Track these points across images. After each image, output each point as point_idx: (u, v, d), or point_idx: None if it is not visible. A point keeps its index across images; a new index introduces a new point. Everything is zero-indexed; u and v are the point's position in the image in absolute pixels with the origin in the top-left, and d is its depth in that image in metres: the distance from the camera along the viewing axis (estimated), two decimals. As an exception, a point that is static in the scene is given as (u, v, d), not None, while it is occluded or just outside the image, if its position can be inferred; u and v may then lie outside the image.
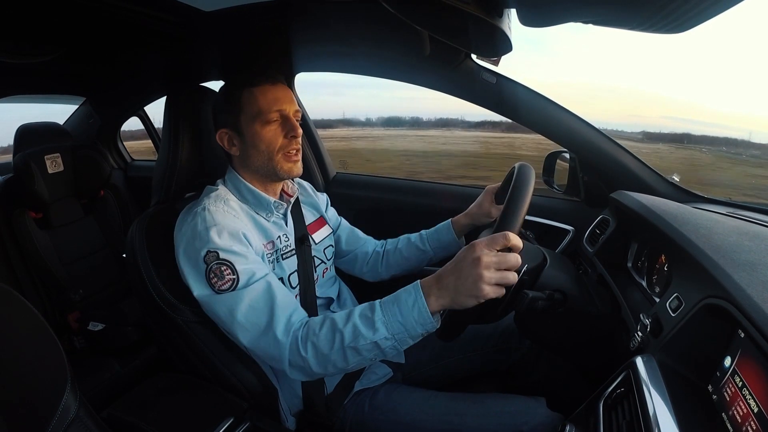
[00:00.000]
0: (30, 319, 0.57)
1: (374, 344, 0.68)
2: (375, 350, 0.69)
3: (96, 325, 1.61)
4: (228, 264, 0.76)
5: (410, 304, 0.67)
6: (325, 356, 0.71)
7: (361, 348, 0.69)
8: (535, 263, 0.85)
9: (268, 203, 0.91)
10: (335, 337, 0.70)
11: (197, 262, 0.77)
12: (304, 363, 0.72)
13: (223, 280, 0.75)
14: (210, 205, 0.83)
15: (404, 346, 0.70)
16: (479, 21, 0.65)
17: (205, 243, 0.77)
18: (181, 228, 0.82)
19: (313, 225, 1.04)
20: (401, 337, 0.68)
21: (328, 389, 0.92)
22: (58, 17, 0.95)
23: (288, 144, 0.89)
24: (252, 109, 0.86)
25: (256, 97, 0.86)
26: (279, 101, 0.87)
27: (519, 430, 0.81)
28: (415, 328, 0.67)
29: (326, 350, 0.70)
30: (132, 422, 0.75)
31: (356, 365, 0.72)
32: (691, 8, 0.47)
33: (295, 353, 0.72)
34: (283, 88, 0.89)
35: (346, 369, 0.73)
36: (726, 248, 0.65)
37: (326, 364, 0.71)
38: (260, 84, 0.87)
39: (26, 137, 1.72)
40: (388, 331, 0.68)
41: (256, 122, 0.87)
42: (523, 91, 1.18)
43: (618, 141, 1.16)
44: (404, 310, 0.68)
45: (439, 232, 1.14)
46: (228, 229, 0.80)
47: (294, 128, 0.88)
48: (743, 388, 0.50)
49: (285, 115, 0.88)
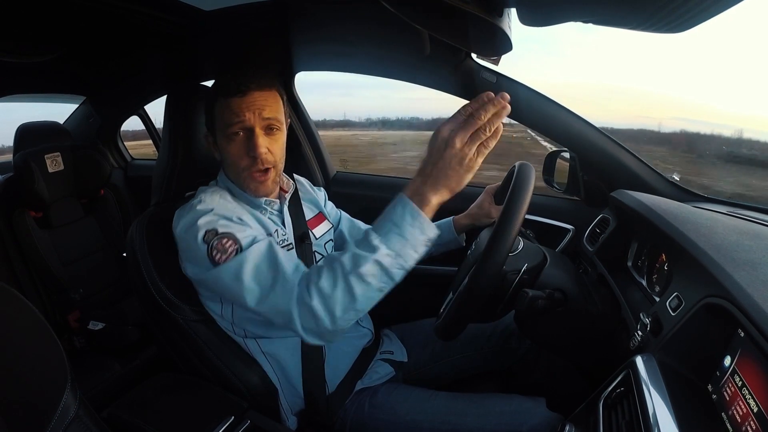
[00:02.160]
0: (30, 319, 0.57)
1: (377, 264, 0.64)
2: (380, 274, 0.65)
3: (96, 324, 1.61)
4: (228, 235, 0.76)
5: (399, 213, 0.65)
6: (330, 297, 0.66)
7: (364, 273, 0.65)
8: (535, 262, 0.85)
9: (259, 204, 0.91)
10: (335, 270, 0.67)
11: (197, 245, 0.76)
12: (312, 313, 0.67)
13: (227, 253, 0.75)
14: (205, 198, 0.84)
15: (409, 260, 0.66)
16: (479, 20, 0.65)
17: (202, 225, 0.77)
18: (179, 221, 0.82)
19: (313, 220, 1.04)
20: (403, 250, 0.65)
21: (330, 388, 0.92)
22: (59, 17, 0.95)
23: (251, 163, 0.83)
24: (220, 121, 0.84)
25: (223, 108, 0.82)
26: (241, 113, 0.81)
27: (519, 430, 0.81)
28: (413, 235, 0.64)
29: (329, 289, 0.66)
30: (132, 422, 0.75)
31: (364, 300, 0.67)
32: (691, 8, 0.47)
33: (301, 304, 0.68)
34: (256, 95, 0.82)
35: (355, 308, 0.67)
36: (726, 247, 0.65)
37: (333, 307, 0.66)
38: (230, 95, 0.81)
39: (26, 137, 1.72)
40: (387, 247, 0.65)
41: (223, 136, 0.84)
42: (523, 90, 1.18)
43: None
44: (396, 220, 0.65)
45: (440, 229, 1.13)
46: (223, 212, 0.80)
47: (254, 147, 0.81)
48: (743, 388, 0.50)
49: (249, 128, 0.82)
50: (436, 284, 1.34)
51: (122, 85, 1.84)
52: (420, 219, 0.65)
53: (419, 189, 0.65)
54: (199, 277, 0.80)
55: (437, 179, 0.64)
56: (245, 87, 0.81)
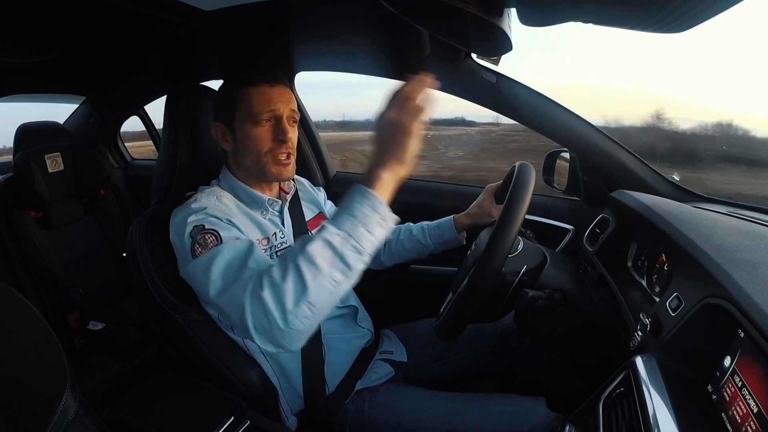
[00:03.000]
0: (30, 319, 0.57)
1: (326, 244, 0.61)
2: (331, 257, 0.61)
3: (96, 324, 1.61)
4: (212, 231, 0.76)
5: (349, 195, 0.63)
6: (279, 285, 0.61)
7: (312, 254, 0.60)
8: (535, 262, 0.85)
9: (262, 201, 0.92)
10: (286, 257, 0.63)
11: (185, 241, 0.77)
12: (263, 307, 0.62)
13: (207, 247, 0.74)
14: (202, 198, 0.85)
15: (363, 241, 0.61)
16: (479, 20, 0.64)
17: (190, 222, 0.78)
18: (174, 221, 0.83)
19: (313, 221, 1.04)
20: (353, 229, 0.61)
21: (330, 388, 0.93)
22: (59, 17, 0.95)
23: (277, 147, 0.87)
24: (245, 108, 0.86)
25: (252, 96, 0.86)
26: (273, 102, 0.86)
27: (518, 430, 0.81)
28: (363, 212, 0.61)
29: (279, 277, 0.62)
30: (132, 422, 0.75)
31: (317, 289, 0.61)
32: (691, 8, 0.47)
33: (253, 295, 0.64)
34: (281, 88, 0.89)
35: (306, 299, 0.61)
36: (726, 248, 0.65)
37: (283, 297, 0.61)
38: (258, 84, 0.87)
39: (26, 137, 1.72)
40: (335, 227, 0.61)
41: (247, 122, 0.86)
42: (523, 90, 1.17)
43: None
44: (346, 202, 0.63)
45: (441, 227, 1.14)
46: (215, 213, 0.80)
47: (283, 132, 0.87)
48: (743, 388, 0.50)
49: (278, 117, 0.87)
50: (436, 284, 1.34)
51: (122, 85, 1.84)
52: (369, 196, 0.62)
53: (368, 170, 0.64)
54: (183, 273, 0.79)
55: (381, 154, 0.63)
56: (273, 78, 0.88)
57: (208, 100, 0.99)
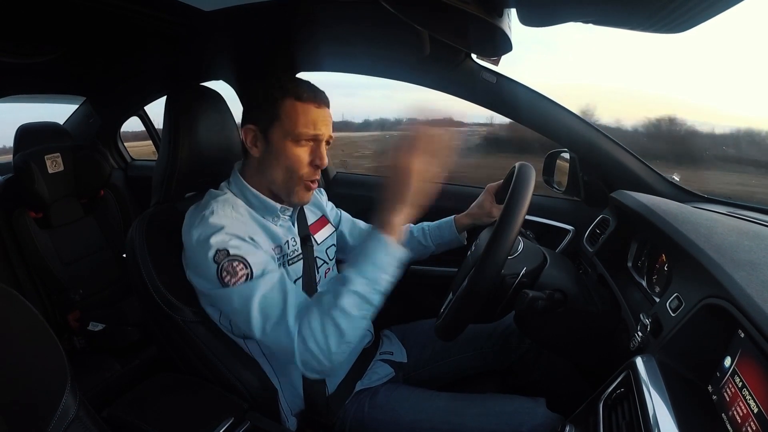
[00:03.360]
0: (30, 319, 0.57)
1: (354, 294, 0.70)
2: (360, 303, 0.70)
3: (96, 324, 1.60)
4: (240, 259, 0.75)
5: (367, 242, 0.72)
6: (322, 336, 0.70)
7: (345, 306, 0.69)
8: (535, 263, 0.86)
9: (275, 209, 0.89)
10: (322, 309, 0.71)
11: (206, 262, 0.75)
12: (311, 354, 0.70)
13: (237, 276, 0.74)
14: (218, 210, 0.81)
15: (383, 284, 0.71)
16: (479, 21, 0.65)
17: (213, 244, 0.75)
18: (190, 231, 0.79)
19: (315, 225, 1.04)
20: (374, 275, 0.70)
21: (330, 389, 0.92)
22: (59, 17, 0.95)
23: (311, 173, 0.86)
24: (289, 123, 0.82)
25: (298, 112, 0.82)
26: (318, 125, 0.84)
27: (519, 430, 0.81)
28: (382, 259, 0.70)
29: (319, 330, 0.70)
30: (132, 422, 0.75)
31: (351, 331, 0.71)
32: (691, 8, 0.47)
33: (301, 344, 0.71)
34: (325, 112, 0.86)
35: (346, 341, 0.71)
36: (726, 248, 0.65)
37: (328, 345, 0.70)
38: (307, 101, 0.83)
39: (26, 137, 1.72)
40: (360, 275, 0.70)
41: (288, 138, 0.83)
42: (523, 90, 1.18)
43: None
44: (365, 249, 0.71)
45: (442, 228, 1.14)
46: (236, 231, 0.78)
47: (321, 158, 0.85)
48: (743, 389, 0.50)
49: (318, 141, 0.85)
50: (436, 284, 1.35)
51: (122, 85, 1.84)
52: (385, 243, 0.71)
53: (382, 215, 0.72)
54: (205, 291, 0.79)
55: (393, 200, 0.71)
56: (321, 100, 0.86)
57: (208, 101, 0.99)
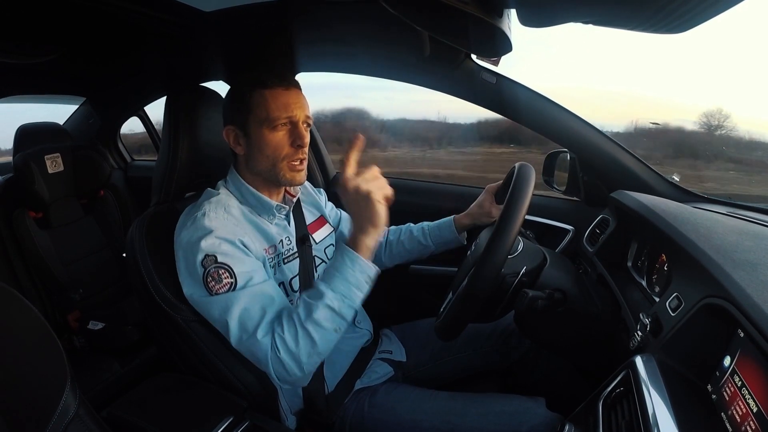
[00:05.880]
0: (30, 319, 0.57)
1: (327, 308, 0.73)
2: (332, 317, 0.73)
3: (96, 324, 1.61)
4: (226, 267, 0.76)
5: (339, 259, 0.75)
6: (294, 347, 0.73)
7: (318, 319, 0.73)
8: (535, 263, 0.86)
9: (270, 207, 0.90)
10: (294, 321, 0.74)
11: (194, 266, 0.77)
12: (282, 364, 0.73)
13: (221, 284, 0.76)
14: (210, 211, 0.82)
15: (355, 298, 0.75)
16: (479, 21, 0.65)
17: (203, 248, 0.77)
18: (180, 232, 0.81)
19: (314, 224, 1.04)
20: (347, 291, 0.74)
21: (329, 388, 0.93)
22: (59, 17, 0.95)
23: (294, 153, 0.86)
24: (261, 112, 0.84)
25: (267, 100, 0.84)
26: (290, 107, 0.84)
27: (519, 430, 0.81)
28: (354, 276, 0.74)
29: (292, 341, 0.73)
30: (132, 422, 0.75)
31: (324, 343, 0.74)
32: (691, 8, 0.47)
33: (273, 355, 0.74)
34: (296, 92, 0.87)
35: (317, 352, 0.74)
36: (726, 248, 0.65)
37: (299, 356, 0.73)
38: (273, 87, 0.84)
39: (26, 137, 1.72)
40: (333, 291, 0.73)
41: (264, 126, 0.84)
42: (523, 91, 1.18)
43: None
44: (338, 265, 0.75)
45: (441, 228, 1.14)
46: (226, 236, 0.79)
47: (301, 137, 0.85)
48: (742, 388, 0.50)
49: (294, 122, 0.86)
50: (436, 284, 1.35)
51: (122, 85, 1.84)
52: (358, 261, 0.74)
53: (352, 235, 0.76)
54: (189, 295, 0.80)
55: (360, 222, 0.75)
56: (287, 82, 0.86)
57: (208, 101, 0.99)
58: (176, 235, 0.83)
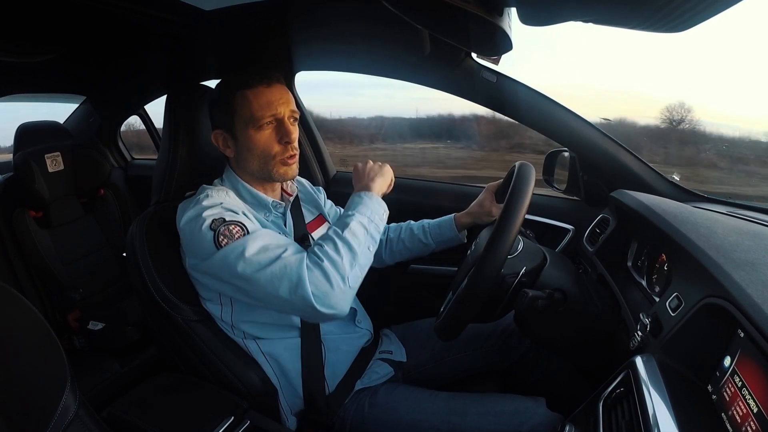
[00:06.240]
0: (30, 319, 0.57)
1: (359, 224, 0.80)
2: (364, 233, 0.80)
3: (96, 324, 1.61)
4: (237, 223, 0.78)
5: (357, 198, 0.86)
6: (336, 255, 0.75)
7: (354, 230, 0.79)
8: (535, 262, 0.85)
9: (267, 203, 0.91)
10: (331, 237, 0.78)
11: (202, 233, 0.77)
12: (324, 273, 0.73)
13: (233, 237, 0.76)
14: (213, 193, 0.85)
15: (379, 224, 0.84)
16: (479, 20, 0.64)
17: (210, 215, 0.78)
18: (183, 214, 0.82)
19: (313, 223, 1.04)
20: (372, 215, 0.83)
21: (329, 388, 0.93)
22: (59, 17, 0.95)
23: (283, 150, 0.87)
24: (245, 113, 0.84)
25: (250, 100, 0.84)
26: (272, 105, 0.84)
27: (518, 429, 0.81)
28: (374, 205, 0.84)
29: (333, 250, 0.76)
30: (132, 422, 0.75)
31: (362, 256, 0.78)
32: (691, 7, 0.47)
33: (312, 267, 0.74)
34: (279, 88, 0.87)
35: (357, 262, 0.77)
36: (726, 248, 0.65)
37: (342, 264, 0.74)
38: (254, 86, 0.84)
39: (26, 136, 1.72)
40: (360, 213, 0.82)
41: (250, 127, 0.84)
42: (523, 89, 1.17)
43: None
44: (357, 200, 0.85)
45: (442, 227, 1.14)
46: (230, 206, 0.82)
47: (287, 134, 0.86)
48: (743, 388, 0.50)
49: (279, 119, 0.86)
50: (436, 284, 1.34)
51: (122, 84, 1.84)
52: (373, 196, 0.86)
53: (362, 187, 0.88)
54: (200, 266, 0.80)
55: (368, 182, 0.89)
56: (269, 79, 0.86)
57: (207, 100, 0.99)
58: (178, 221, 0.83)
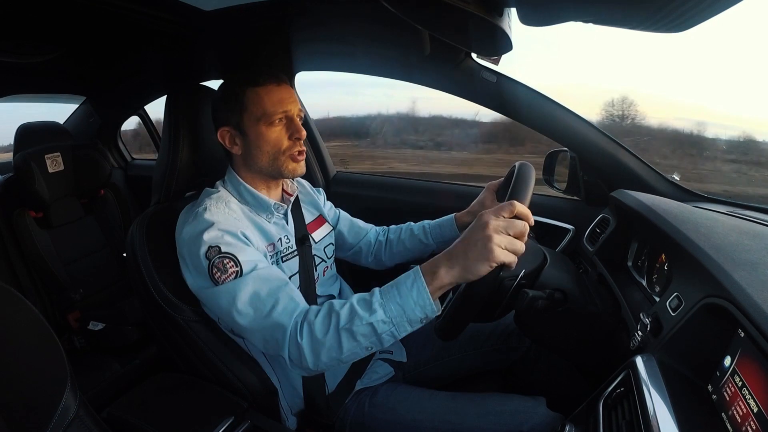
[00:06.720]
0: (30, 319, 0.57)
1: (370, 326, 0.66)
2: (371, 335, 0.67)
3: (96, 324, 1.61)
4: (230, 256, 0.76)
5: (409, 285, 0.66)
6: (319, 342, 0.68)
7: (356, 331, 0.67)
8: (535, 262, 0.85)
9: (268, 205, 0.91)
10: (331, 320, 0.69)
11: (198, 258, 0.77)
12: (299, 352, 0.69)
13: (227, 273, 0.75)
14: (211, 206, 0.83)
15: (402, 331, 0.67)
16: (479, 20, 0.64)
17: (206, 240, 0.77)
18: (183, 228, 0.82)
19: (313, 224, 1.04)
20: (399, 320, 0.66)
21: (330, 388, 0.93)
22: (59, 17, 0.95)
23: (293, 145, 0.88)
24: (257, 109, 0.85)
25: (261, 97, 0.85)
26: (284, 102, 0.86)
27: (519, 429, 0.81)
28: (413, 310, 0.66)
29: (321, 335, 0.68)
30: (132, 422, 0.75)
31: (350, 354, 0.69)
32: (691, 7, 0.47)
33: (292, 339, 0.70)
34: (287, 88, 0.89)
35: (339, 358, 0.69)
36: (726, 247, 0.65)
37: (320, 351, 0.68)
38: (265, 84, 0.86)
39: (26, 137, 1.72)
40: (385, 314, 0.66)
41: (261, 123, 0.86)
42: (523, 90, 1.17)
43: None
44: (402, 291, 0.66)
45: (442, 226, 1.14)
46: (228, 228, 0.80)
47: (298, 130, 0.88)
48: (743, 388, 0.50)
49: (290, 117, 0.88)
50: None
51: (122, 85, 1.84)
52: (424, 297, 0.65)
53: (436, 262, 0.66)
54: (196, 290, 0.80)
55: (456, 256, 0.65)
56: (278, 78, 0.88)
57: (208, 100, 0.99)
58: (177, 233, 0.83)
